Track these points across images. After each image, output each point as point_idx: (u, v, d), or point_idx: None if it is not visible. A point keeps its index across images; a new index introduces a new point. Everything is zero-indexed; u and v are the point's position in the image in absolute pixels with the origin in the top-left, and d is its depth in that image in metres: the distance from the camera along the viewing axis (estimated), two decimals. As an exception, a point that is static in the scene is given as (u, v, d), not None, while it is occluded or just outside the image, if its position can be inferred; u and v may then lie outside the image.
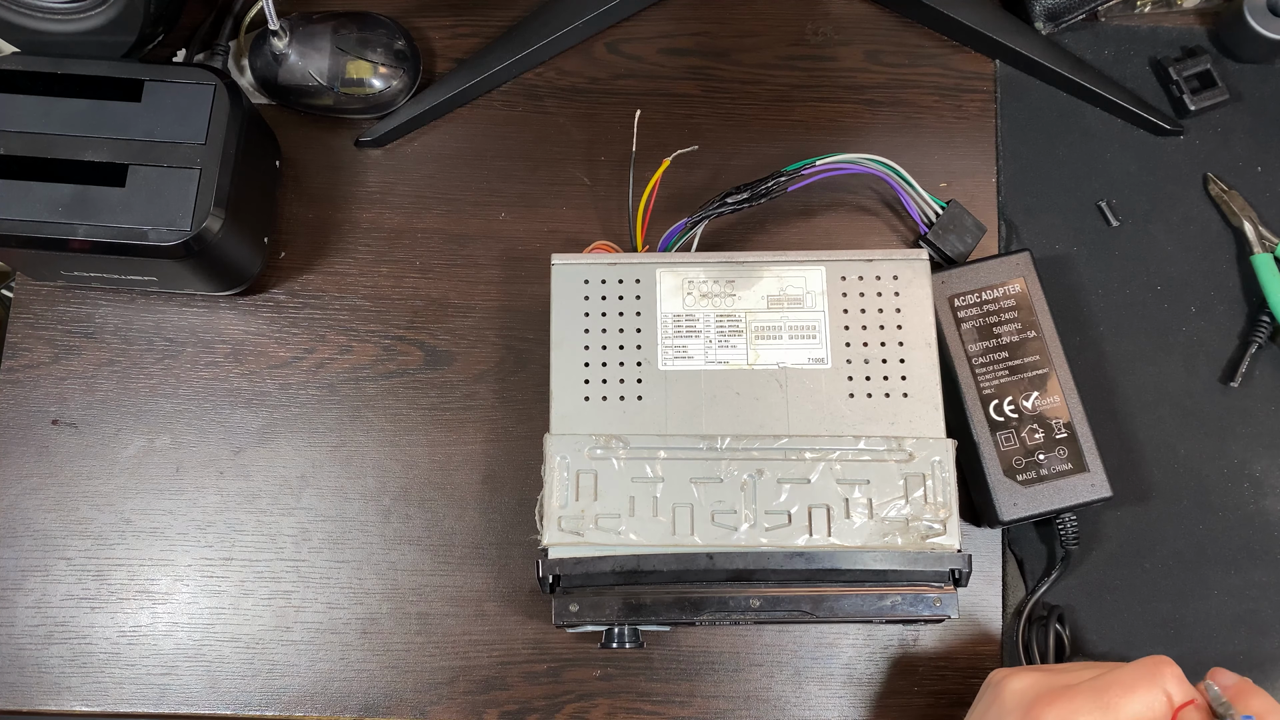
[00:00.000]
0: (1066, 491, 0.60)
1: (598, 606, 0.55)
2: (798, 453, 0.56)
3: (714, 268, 0.60)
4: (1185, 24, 0.72)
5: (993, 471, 0.60)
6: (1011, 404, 0.61)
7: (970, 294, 0.62)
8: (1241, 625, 0.63)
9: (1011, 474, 0.60)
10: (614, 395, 0.58)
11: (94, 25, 0.60)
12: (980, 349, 0.62)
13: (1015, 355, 0.62)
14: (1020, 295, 0.62)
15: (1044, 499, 0.60)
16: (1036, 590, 0.62)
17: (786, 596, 0.55)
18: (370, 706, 0.62)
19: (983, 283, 0.63)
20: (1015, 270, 0.63)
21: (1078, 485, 0.60)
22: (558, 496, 0.56)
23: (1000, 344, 0.62)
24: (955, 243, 0.66)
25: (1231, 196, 0.68)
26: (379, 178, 0.69)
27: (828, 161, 0.64)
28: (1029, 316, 0.62)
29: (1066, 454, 0.60)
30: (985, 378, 0.61)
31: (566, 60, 0.71)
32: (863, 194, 0.69)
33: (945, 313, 0.62)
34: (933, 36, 0.72)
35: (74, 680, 0.62)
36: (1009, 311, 0.62)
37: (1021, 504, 0.60)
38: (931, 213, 0.66)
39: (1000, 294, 0.62)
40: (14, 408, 0.66)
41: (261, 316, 0.67)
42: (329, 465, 0.65)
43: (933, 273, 0.60)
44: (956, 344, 0.62)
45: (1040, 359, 0.61)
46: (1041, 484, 0.60)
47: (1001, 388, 0.61)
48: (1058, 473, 0.60)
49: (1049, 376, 0.61)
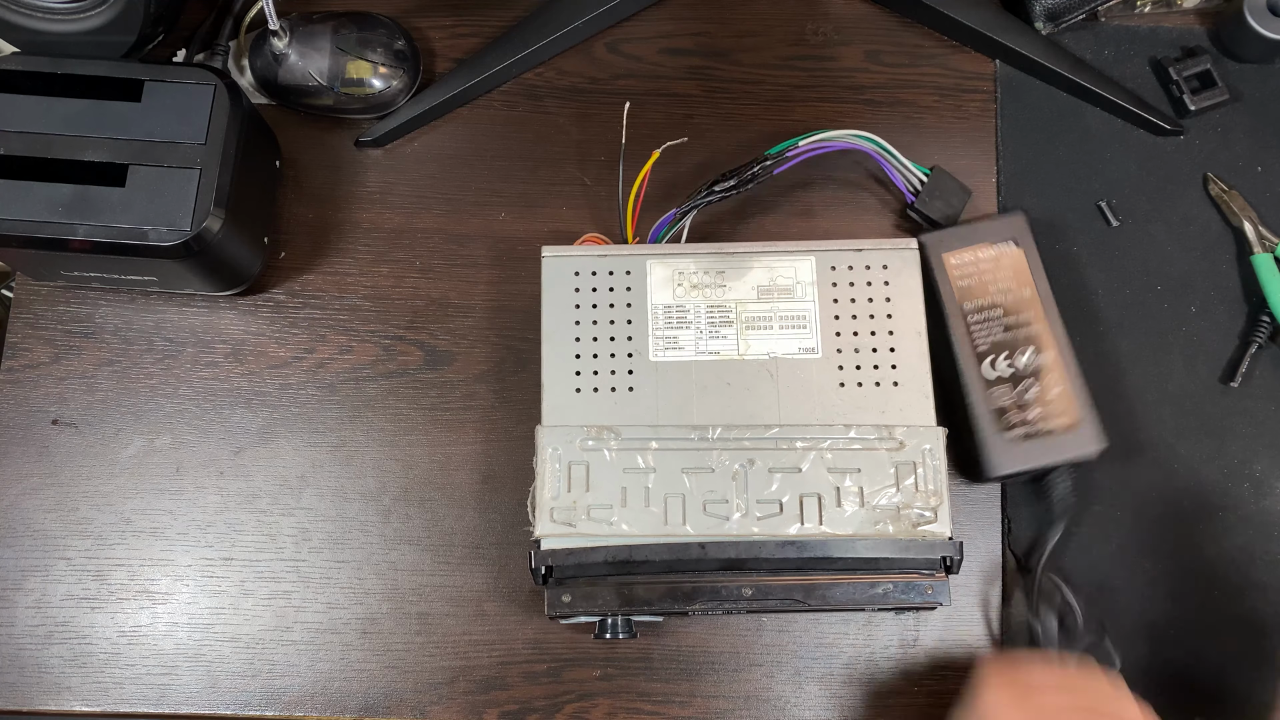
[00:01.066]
0: (1058, 446, 0.60)
1: (590, 597, 0.55)
2: (789, 442, 0.57)
3: (704, 259, 0.60)
4: (1185, 24, 0.72)
5: (985, 427, 0.60)
6: (1006, 360, 0.61)
7: (965, 252, 0.63)
8: (1242, 625, 0.63)
9: (1004, 429, 0.60)
10: (605, 386, 0.58)
11: (94, 25, 0.60)
12: (974, 306, 0.62)
13: (1009, 313, 0.62)
14: (1014, 254, 0.62)
15: (1036, 454, 0.60)
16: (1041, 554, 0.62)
17: (779, 585, 0.56)
18: (370, 706, 0.62)
19: (978, 240, 0.63)
20: (1010, 230, 0.63)
21: (1070, 440, 0.60)
22: (550, 488, 0.56)
23: (994, 301, 0.62)
24: (942, 207, 0.66)
25: (1231, 196, 0.68)
26: (379, 178, 0.69)
27: (810, 141, 0.64)
28: (1024, 275, 0.62)
29: (1059, 409, 0.60)
30: (979, 335, 0.61)
31: (566, 60, 0.71)
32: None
33: (939, 270, 0.62)
34: (933, 36, 0.72)
35: (74, 680, 0.62)
36: (1004, 270, 0.62)
37: (1014, 458, 0.60)
38: (916, 181, 0.66)
39: (995, 253, 0.62)
40: (14, 408, 0.66)
41: (261, 316, 0.67)
42: (329, 465, 0.65)
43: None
44: (951, 301, 0.62)
45: (1033, 316, 0.62)
46: (1034, 440, 0.60)
47: (995, 344, 0.61)
48: (1050, 429, 0.60)
49: (1042, 334, 0.61)
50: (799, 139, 0.64)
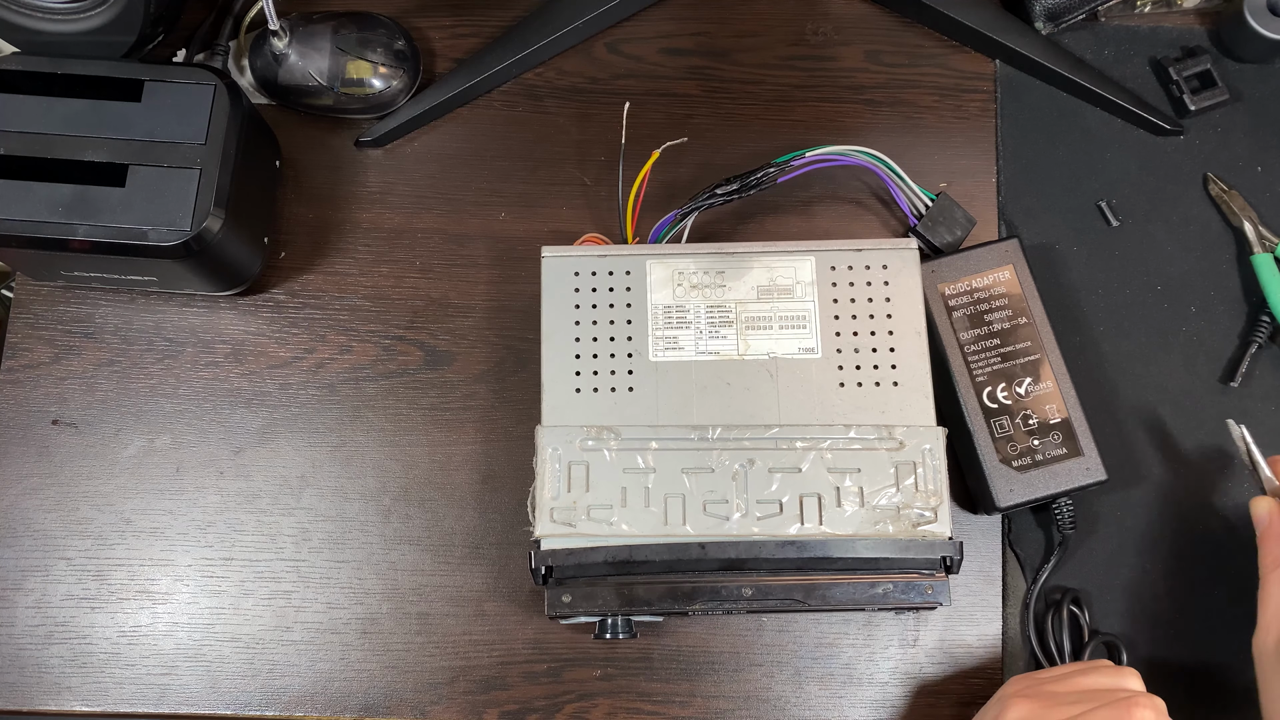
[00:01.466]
0: (1062, 476, 0.60)
1: (590, 597, 0.56)
2: (789, 442, 0.57)
3: (704, 259, 0.60)
4: (1185, 24, 0.72)
5: (988, 459, 0.60)
6: (1005, 391, 0.61)
7: (960, 282, 0.63)
8: (1242, 625, 0.63)
9: (1007, 460, 0.60)
10: (605, 387, 0.58)
11: (94, 25, 0.60)
12: (972, 337, 0.62)
13: (1007, 342, 0.62)
14: (1009, 282, 0.62)
15: (1040, 484, 0.60)
16: (1037, 579, 0.63)
17: (779, 585, 0.56)
18: (370, 706, 0.62)
19: (972, 271, 0.63)
20: (1004, 257, 0.63)
21: (1073, 469, 0.60)
22: (550, 488, 0.56)
23: (991, 331, 0.62)
24: (944, 234, 0.66)
25: (1231, 196, 0.68)
26: (379, 178, 0.69)
27: (817, 153, 0.64)
28: (1019, 303, 0.62)
29: (1061, 439, 0.61)
30: (978, 366, 0.61)
31: (566, 60, 0.71)
32: (853, 186, 0.69)
33: (936, 301, 0.62)
34: (933, 36, 0.72)
35: (74, 680, 0.62)
36: (999, 299, 0.62)
37: (1018, 490, 0.60)
38: (921, 205, 0.66)
39: (990, 281, 0.62)
40: (14, 408, 0.66)
41: (261, 316, 0.67)
42: (329, 465, 0.65)
43: (922, 263, 0.61)
44: (948, 332, 0.62)
45: (1032, 345, 0.62)
46: (1037, 469, 0.60)
47: (994, 375, 0.61)
48: (1053, 458, 0.60)
49: (1041, 362, 0.61)
50: (806, 150, 0.64)
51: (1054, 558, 0.63)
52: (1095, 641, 0.61)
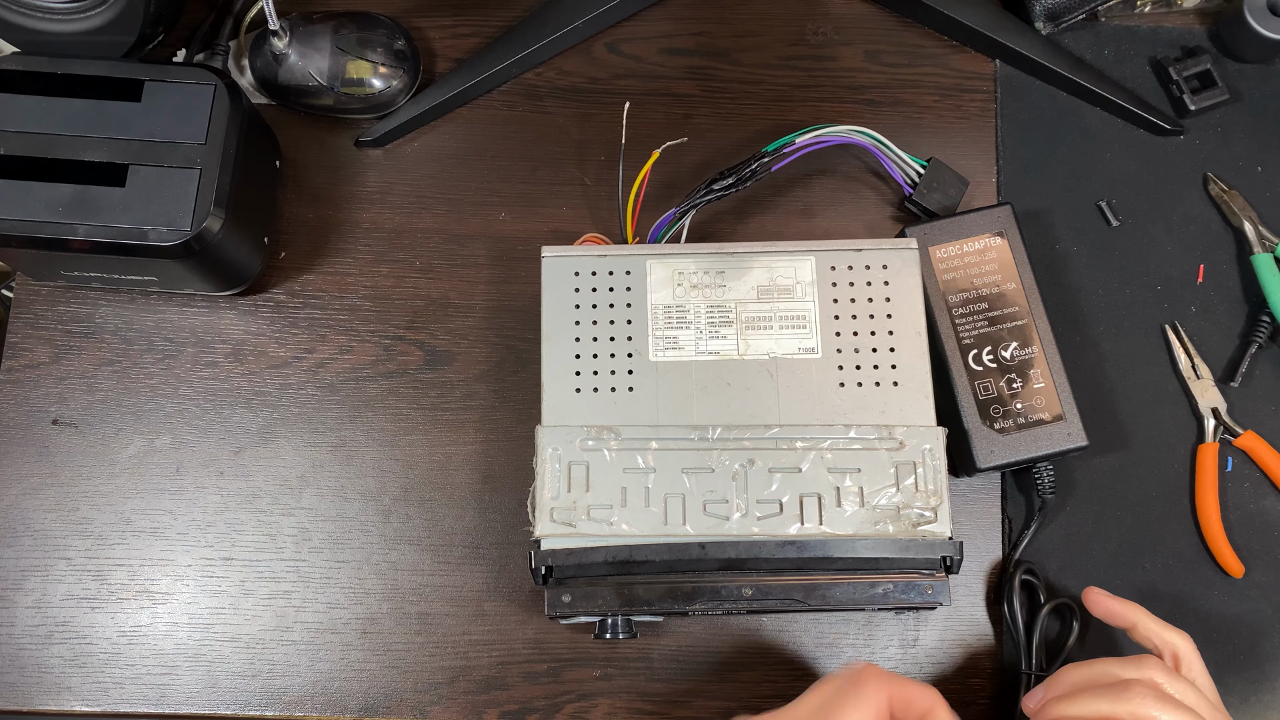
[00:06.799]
0: (1043, 440, 0.60)
1: (590, 597, 0.56)
2: (789, 442, 0.57)
3: (704, 259, 0.60)
4: (1185, 24, 0.72)
5: (970, 419, 0.60)
6: (990, 353, 0.61)
7: (951, 245, 0.63)
8: (1242, 625, 0.63)
9: (989, 422, 0.60)
10: (605, 386, 0.58)
11: (94, 25, 0.60)
12: (960, 299, 0.62)
13: (995, 306, 0.62)
14: (1000, 248, 0.63)
15: (1021, 447, 0.60)
16: (1018, 544, 0.63)
17: (778, 585, 0.56)
18: (370, 706, 0.62)
19: (964, 235, 0.63)
20: (996, 223, 0.63)
21: (1054, 433, 0.60)
22: (550, 488, 0.56)
23: (980, 294, 0.62)
24: (940, 199, 0.67)
25: (1231, 196, 0.68)
26: (379, 178, 0.69)
27: (808, 136, 0.64)
28: (1009, 269, 0.62)
29: (1044, 403, 0.61)
30: (965, 328, 0.61)
31: (566, 60, 0.71)
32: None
33: (926, 263, 0.62)
34: (933, 36, 0.72)
35: (74, 680, 0.62)
36: (990, 263, 0.62)
37: (999, 451, 0.60)
38: (914, 173, 0.67)
39: (981, 246, 0.63)
40: (14, 408, 0.66)
41: (261, 316, 0.67)
42: (329, 465, 0.65)
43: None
44: (937, 294, 0.62)
45: (1019, 310, 0.62)
46: (1019, 432, 0.60)
47: (980, 337, 0.61)
48: (1035, 421, 0.60)
49: (1028, 327, 0.62)
50: (795, 135, 0.64)
51: (1034, 523, 0.63)
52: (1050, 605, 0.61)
